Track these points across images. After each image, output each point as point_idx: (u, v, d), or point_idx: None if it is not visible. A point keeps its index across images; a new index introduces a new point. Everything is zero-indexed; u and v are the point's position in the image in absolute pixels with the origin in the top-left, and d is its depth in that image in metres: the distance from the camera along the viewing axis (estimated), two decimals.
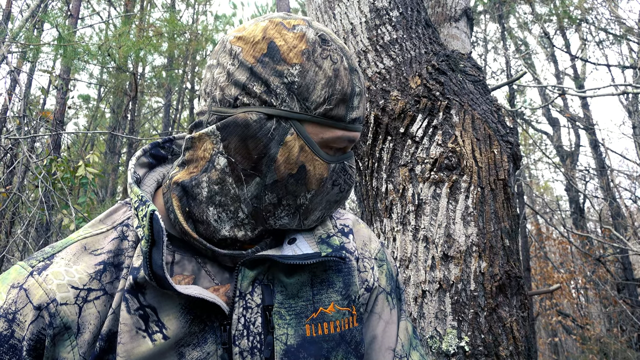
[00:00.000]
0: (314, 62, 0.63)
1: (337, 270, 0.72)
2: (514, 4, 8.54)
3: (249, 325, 0.63)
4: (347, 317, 0.70)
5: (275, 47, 0.63)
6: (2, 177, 3.54)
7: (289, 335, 0.64)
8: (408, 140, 1.35)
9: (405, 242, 1.30)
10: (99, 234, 0.65)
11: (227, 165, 0.64)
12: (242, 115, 0.63)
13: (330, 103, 0.63)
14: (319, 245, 0.71)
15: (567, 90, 6.45)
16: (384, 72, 1.44)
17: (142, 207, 0.60)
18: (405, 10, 1.54)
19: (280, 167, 0.63)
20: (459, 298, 1.19)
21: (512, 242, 1.29)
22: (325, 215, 0.72)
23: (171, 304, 0.60)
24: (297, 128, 0.63)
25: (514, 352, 1.17)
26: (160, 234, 0.58)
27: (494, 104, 1.43)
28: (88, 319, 0.58)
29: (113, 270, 0.62)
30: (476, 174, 1.28)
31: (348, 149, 0.70)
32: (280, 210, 0.66)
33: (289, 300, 0.66)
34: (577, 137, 10.37)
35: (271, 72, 0.62)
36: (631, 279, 7.64)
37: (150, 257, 0.57)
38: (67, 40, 4.52)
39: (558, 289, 4.62)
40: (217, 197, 0.65)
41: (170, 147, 0.76)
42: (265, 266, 0.67)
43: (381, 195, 1.39)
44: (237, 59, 0.64)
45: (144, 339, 0.57)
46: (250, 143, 0.63)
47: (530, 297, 5.42)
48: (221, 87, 0.65)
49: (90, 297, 0.59)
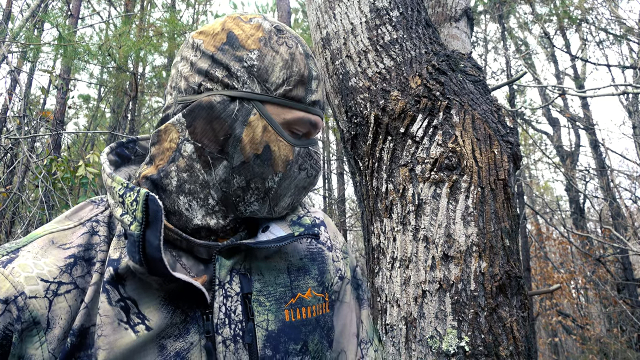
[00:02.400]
0: (271, 47, 0.67)
1: (312, 259, 0.76)
2: (514, 4, 8.54)
3: (230, 314, 0.64)
4: (322, 302, 0.74)
5: (234, 36, 0.67)
6: (2, 176, 3.54)
7: (270, 321, 0.66)
8: (408, 140, 1.35)
9: (405, 242, 1.30)
10: (66, 230, 0.63)
11: (194, 151, 0.66)
12: (206, 99, 0.65)
13: (289, 84, 0.66)
14: (291, 227, 0.73)
15: (567, 90, 6.46)
16: (384, 72, 1.44)
17: (130, 193, 0.60)
18: (405, 10, 1.54)
19: (245, 147, 0.65)
20: (459, 298, 1.19)
21: (512, 242, 1.29)
22: (295, 202, 0.73)
23: (151, 296, 0.60)
24: (260, 109, 0.66)
25: (514, 352, 1.17)
26: (158, 214, 0.58)
27: (494, 104, 1.43)
28: (58, 314, 0.56)
29: (84, 264, 0.61)
30: (476, 174, 1.28)
31: (312, 135, 0.72)
32: (250, 194, 0.67)
33: (267, 287, 0.68)
34: (577, 137, 10.37)
35: (231, 57, 0.66)
36: (631, 279, 7.64)
37: (143, 240, 0.56)
38: (67, 40, 4.52)
39: (558, 289, 4.63)
40: (186, 185, 0.66)
41: (134, 148, 0.77)
42: (242, 255, 0.68)
43: (381, 195, 1.39)
44: (199, 50, 0.68)
45: (126, 330, 0.57)
46: (216, 124, 0.65)
47: (530, 297, 5.42)
48: (185, 77, 0.68)
49: (60, 291, 0.57)
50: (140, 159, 0.77)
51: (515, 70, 8.29)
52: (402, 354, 1.23)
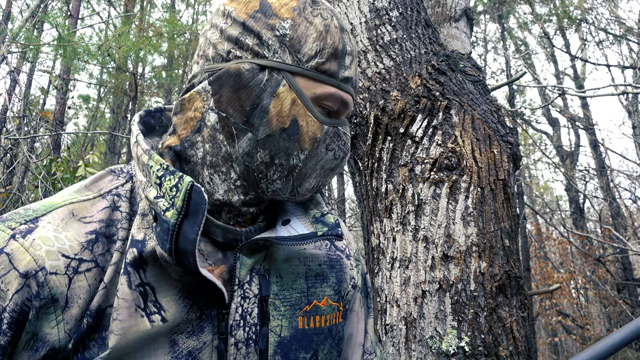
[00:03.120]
0: (304, 17, 0.64)
1: (331, 266, 0.73)
2: (514, 4, 8.54)
3: (246, 316, 0.62)
4: (336, 312, 0.71)
5: (267, 4, 0.64)
6: (2, 177, 3.54)
7: (283, 327, 0.64)
8: (408, 140, 1.35)
9: (405, 242, 1.30)
10: (85, 201, 0.60)
11: (217, 121, 0.63)
12: (234, 66, 0.62)
13: (322, 56, 0.63)
14: (314, 225, 0.70)
15: (567, 90, 6.46)
16: (384, 72, 1.44)
17: (170, 177, 0.57)
18: (405, 10, 1.54)
19: (272, 119, 0.62)
20: (459, 298, 1.19)
21: (512, 242, 1.29)
22: (321, 185, 0.69)
23: (169, 286, 0.57)
24: (289, 80, 0.63)
25: (514, 352, 1.17)
26: (201, 207, 0.55)
27: (494, 104, 1.43)
28: (77, 292, 0.53)
29: (105, 242, 0.58)
30: (476, 174, 1.28)
31: (342, 115, 0.69)
32: (273, 171, 0.64)
33: (283, 291, 0.66)
34: (577, 137, 10.37)
35: (263, 25, 0.63)
36: (631, 279, 7.64)
37: (178, 230, 0.54)
38: (67, 40, 4.52)
39: (558, 289, 4.63)
40: (208, 158, 0.64)
41: (160, 118, 0.74)
42: (262, 254, 0.66)
43: (381, 195, 1.39)
44: (230, 16, 0.65)
45: (142, 318, 0.54)
46: (243, 93, 0.62)
47: (530, 297, 5.42)
48: (214, 45, 0.65)
49: (81, 269, 0.54)
50: (164, 129, 0.74)
51: (515, 70, 8.29)
52: (402, 354, 1.23)
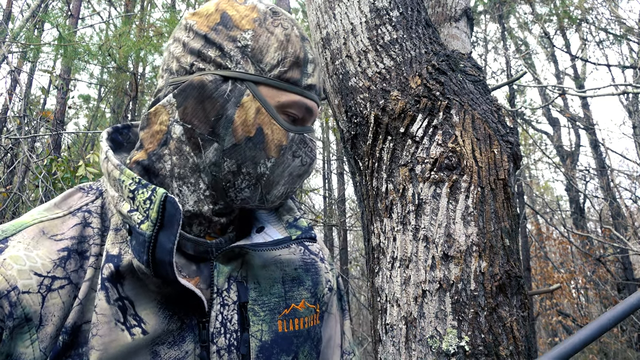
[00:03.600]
0: (265, 28, 0.65)
1: (306, 270, 0.75)
2: (514, 4, 8.54)
3: (226, 323, 0.62)
4: (313, 314, 0.73)
5: (228, 16, 0.65)
6: (2, 177, 3.54)
7: (263, 332, 0.65)
8: (408, 140, 1.36)
9: (405, 241, 1.30)
10: (55, 219, 0.60)
11: (183, 133, 0.63)
12: (197, 78, 0.63)
13: (284, 65, 0.64)
14: (287, 230, 0.71)
15: (567, 90, 6.46)
16: (384, 72, 1.44)
17: (143, 190, 0.57)
18: (405, 10, 1.54)
19: (237, 129, 0.62)
20: (459, 298, 1.19)
21: (512, 242, 1.29)
22: (289, 191, 0.69)
23: (148, 299, 0.58)
24: (253, 90, 0.63)
25: (514, 352, 1.18)
26: (176, 217, 0.55)
27: (494, 104, 1.43)
28: (51, 310, 0.53)
29: (77, 258, 0.57)
30: (476, 174, 1.28)
31: (307, 122, 0.69)
32: (241, 180, 0.64)
33: (262, 297, 0.67)
34: (577, 137, 10.37)
35: (225, 37, 0.64)
36: (631, 279, 7.64)
37: (155, 242, 0.54)
38: (67, 40, 4.52)
39: (558, 289, 4.63)
40: (176, 170, 0.64)
41: (128, 134, 0.74)
42: (239, 262, 0.67)
43: (381, 195, 1.39)
44: (192, 30, 0.66)
45: (122, 332, 0.54)
46: (207, 104, 0.62)
47: (530, 297, 5.42)
48: (177, 58, 0.66)
49: (54, 286, 0.54)
50: (131, 146, 0.74)
51: (515, 70, 8.29)
52: (402, 353, 1.23)
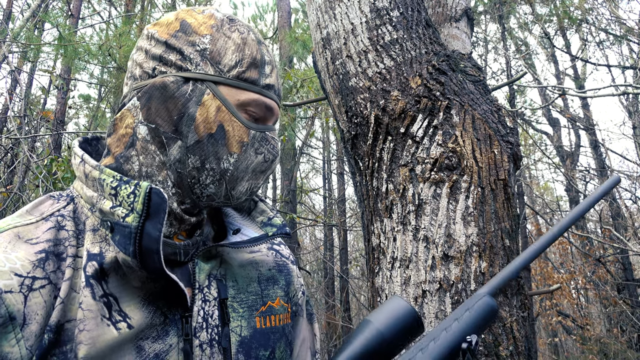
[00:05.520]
0: (223, 33, 0.69)
1: (279, 270, 0.80)
2: (515, 5, 8.54)
3: (208, 318, 0.65)
4: (286, 312, 0.77)
5: (187, 24, 0.69)
6: (2, 176, 3.55)
7: (243, 327, 0.68)
8: (408, 140, 1.36)
9: (405, 242, 1.30)
10: (29, 224, 0.61)
11: (147, 132, 0.66)
12: (160, 80, 0.66)
13: (242, 66, 0.68)
14: (263, 229, 0.75)
15: (568, 91, 6.46)
16: (385, 72, 1.44)
17: (126, 186, 0.60)
18: (405, 10, 1.54)
19: (199, 126, 0.65)
20: (459, 298, 1.19)
21: (512, 242, 1.29)
22: (254, 187, 0.72)
23: (131, 295, 0.60)
24: (213, 89, 0.67)
25: (514, 352, 1.18)
26: (162, 206, 0.58)
27: (495, 104, 1.43)
28: (34, 309, 0.54)
29: (55, 260, 0.59)
30: (476, 174, 1.28)
31: (269, 121, 0.72)
32: (205, 175, 0.67)
33: (240, 294, 0.70)
34: (578, 137, 10.36)
35: (185, 42, 0.68)
36: (631, 279, 7.64)
37: (141, 232, 0.57)
38: (67, 40, 4.53)
39: (558, 289, 4.63)
40: (144, 169, 0.66)
41: (97, 146, 0.76)
42: (218, 261, 0.70)
43: (381, 195, 1.39)
44: (154, 38, 0.69)
45: (108, 327, 0.57)
46: (170, 104, 0.66)
47: (530, 297, 5.42)
48: (140, 64, 0.69)
49: (35, 286, 0.55)
50: (99, 157, 0.76)
51: (516, 70, 8.29)
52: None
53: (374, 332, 0.55)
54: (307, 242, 14.10)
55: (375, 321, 0.56)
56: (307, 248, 12.91)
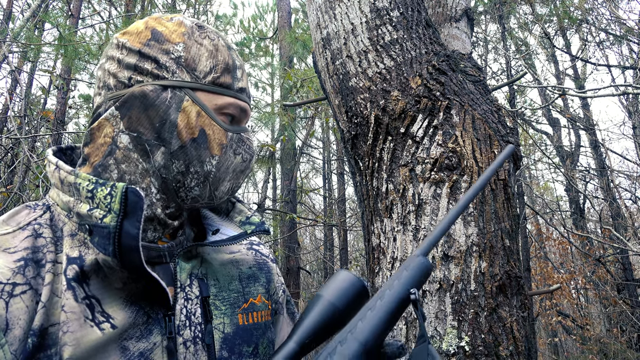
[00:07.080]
0: (195, 40, 0.71)
1: (260, 268, 0.82)
2: (515, 5, 8.54)
3: (190, 316, 0.67)
4: (267, 309, 0.79)
5: (158, 32, 0.70)
6: (3, 176, 3.55)
7: (225, 324, 0.70)
8: (408, 140, 1.36)
9: (405, 242, 1.30)
10: (6, 234, 0.62)
11: (130, 141, 0.67)
12: (138, 89, 0.67)
13: (217, 72, 0.70)
14: (241, 227, 0.77)
15: (568, 91, 6.46)
16: (385, 72, 1.44)
17: (102, 187, 0.61)
18: (405, 11, 1.54)
19: (182, 131, 0.67)
20: (459, 298, 1.20)
21: (512, 242, 1.29)
22: (235, 187, 0.75)
23: (114, 296, 0.61)
24: (191, 95, 0.69)
25: (514, 352, 1.18)
26: (139, 204, 0.59)
27: (495, 104, 1.43)
28: (16, 314, 0.55)
29: (34, 266, 0.60)
30: (476, 174, 1.28)
31: (242, 122, 0.75)
32: (190, 179, 0.69)
33: (222, 292, 0.72)
34: (577, 137, 10.36)
35: (158, 51, 0.69)
36: (631, 279, 7.64)
37: (120, 232, 0.58)
38: (67, 40, 4.53)
39: (558, 289, 4.63)
40: (126, 177, 0.67)
41: (71, 155, 0.77)
42: (199, 260, 0.72)
43: (381, 195, 1.39)
44: (125, 47, 0.70)
45: (92, 328, 0.58)
46: (151, 112, 0.67)
47: (530, 297, 5.42)
48: (114, 74, 0.69)
49: (16, 292, 0.56)
50: (74, 167, 0.76)
51: (516, 70, 8.29)
52: None
53: (326, 304, 0.58)
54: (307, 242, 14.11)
55: (326, 294, 0.59)
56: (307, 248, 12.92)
